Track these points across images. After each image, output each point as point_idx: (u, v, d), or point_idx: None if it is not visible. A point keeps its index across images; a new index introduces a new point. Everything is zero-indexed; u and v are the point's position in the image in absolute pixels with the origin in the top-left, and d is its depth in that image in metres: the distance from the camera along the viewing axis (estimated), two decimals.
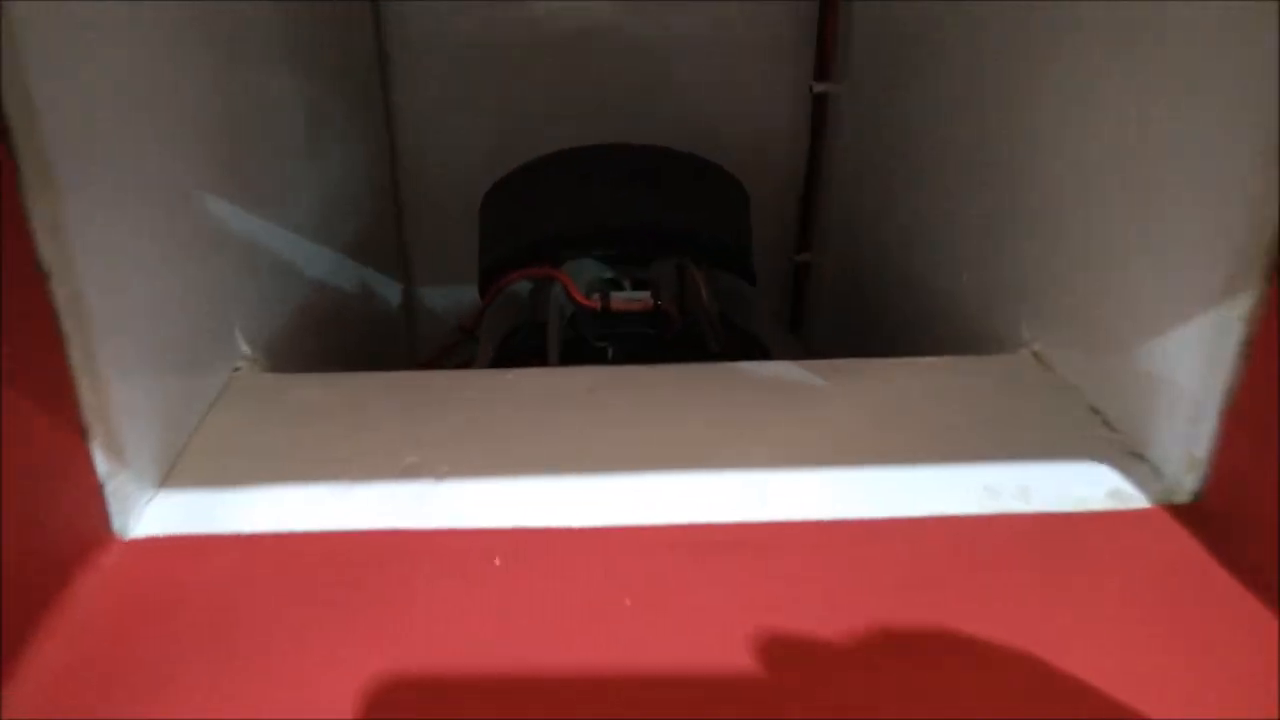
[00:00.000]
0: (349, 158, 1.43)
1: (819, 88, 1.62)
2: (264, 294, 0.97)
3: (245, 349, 0.88)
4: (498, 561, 0.63)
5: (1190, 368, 0.68)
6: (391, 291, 1.66)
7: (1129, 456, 0.73)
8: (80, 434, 0.59)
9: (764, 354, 1.14)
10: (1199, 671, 0.56)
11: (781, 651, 0.56)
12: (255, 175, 0.97)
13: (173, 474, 0.71)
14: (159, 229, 0.73)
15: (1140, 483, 0.71)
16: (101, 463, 0.61)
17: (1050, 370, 0.87)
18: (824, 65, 1.61)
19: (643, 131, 1.39)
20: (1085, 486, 0.71)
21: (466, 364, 1.30)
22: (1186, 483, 0.69)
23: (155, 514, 0.67)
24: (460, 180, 1.54)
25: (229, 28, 0.90)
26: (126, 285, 0.66)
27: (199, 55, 0.83)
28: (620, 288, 1.12)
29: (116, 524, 0.64)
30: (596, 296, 1.09)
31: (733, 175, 1.38)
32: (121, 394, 0.63)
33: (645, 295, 1.09)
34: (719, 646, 0.57)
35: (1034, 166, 0.91)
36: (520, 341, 1.13)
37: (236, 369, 0.87)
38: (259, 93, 1.00)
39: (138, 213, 0.69)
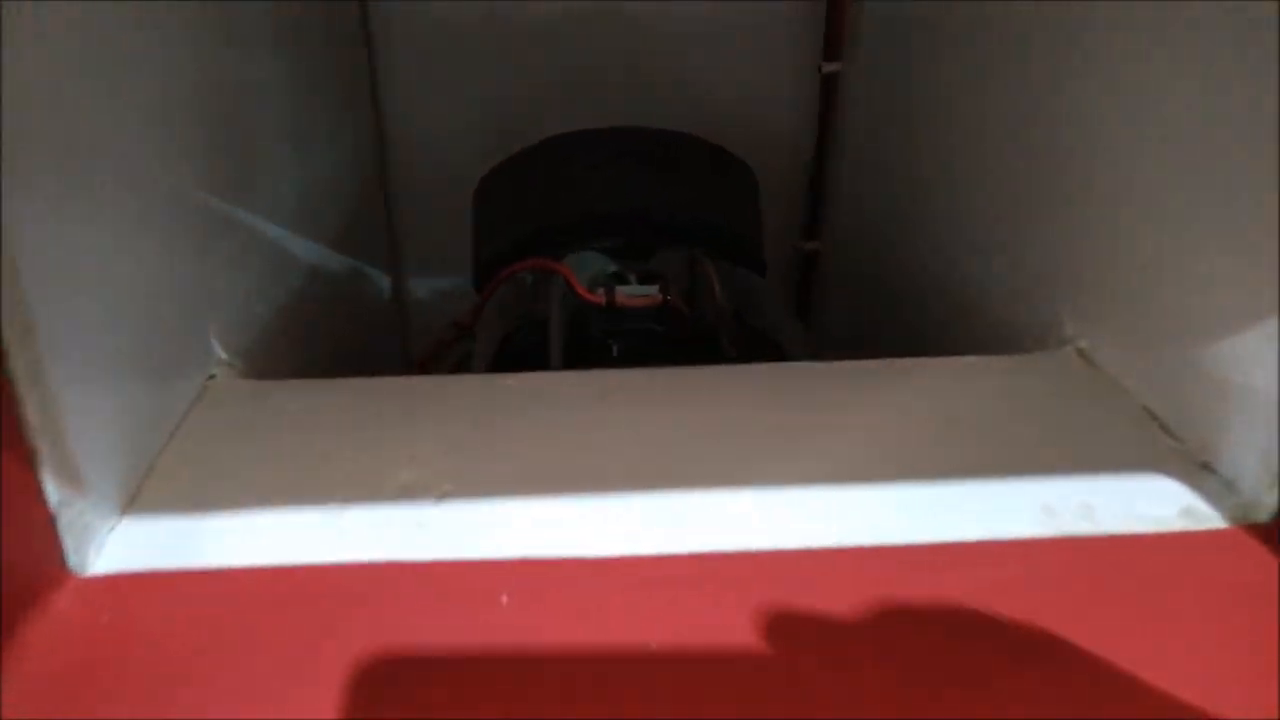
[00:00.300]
0: (335, 144, 1.36)
1: (828, 68, 1.55)
2: (242, 292, 0.90)
3: (221, 353, 0.81)
4: (505, 599, 0.56)
5: (1270, 369, 0.61)
6: (381, 285, 1.59)
7: (1197, 469, 0.66)
8: (26, 458, 0.52)
9: (779, 353, 1.08)
10: None
11: (830, 706, 0.50)
12: (233, 162, 0.90)
13: (138, 498, 0.64)
14: (122, 220, 0.65)
15: (1214, 499, 0.64)
16: (53, 490, 0.54)
17: (1098, 370, 0.80)
18: (833, 45, 1.54)
19: (642, 115, 1.33)
20: (1153, 504, 0.64)
21: (463, 362, 1.25)
22: (1267, 500, 0.62)
23: (118, 547, 0.60)
24: (452, 167, 1.47)
25: (203, 3, 0.83)
26: (82, 284, 0.58)
27: (171, 29, 0.75)
28: (626, 282, 1.06)
29: (73, 560, 0.57)
30: (601, 291, 1.03)
31: (740, 159, 1.31)
32: (76, 410, 0.55)
33: (653, 290, 1.03)
34: (757, 699, 0.50)
35: (1079, 140, 0.83)
36: (520, 340, 1.07)
37: (211, 376, 0.79)
38: (238, 74, 0.93)
39: (96, 201, 0.61)
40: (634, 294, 1.03)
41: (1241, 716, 0.49)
